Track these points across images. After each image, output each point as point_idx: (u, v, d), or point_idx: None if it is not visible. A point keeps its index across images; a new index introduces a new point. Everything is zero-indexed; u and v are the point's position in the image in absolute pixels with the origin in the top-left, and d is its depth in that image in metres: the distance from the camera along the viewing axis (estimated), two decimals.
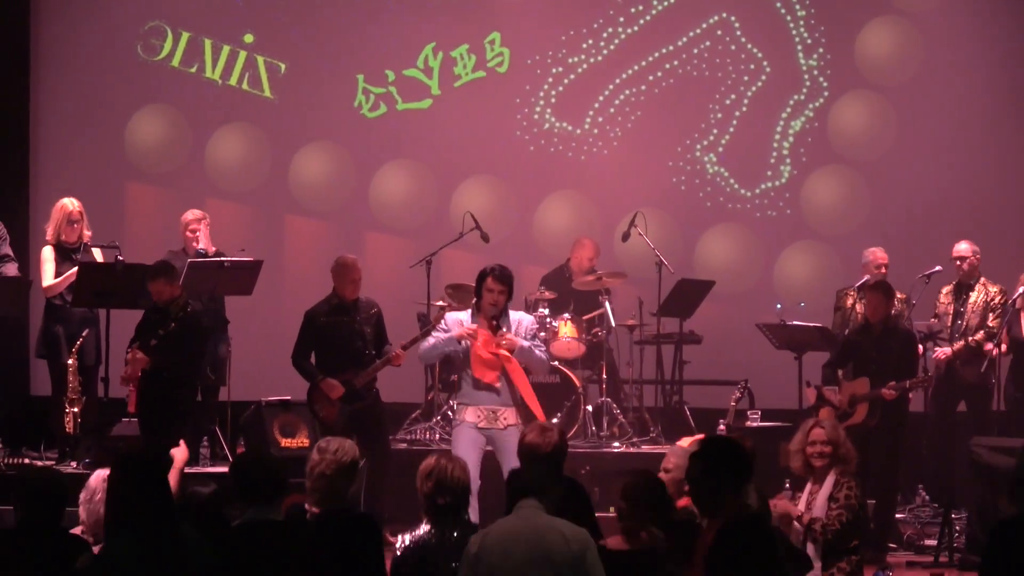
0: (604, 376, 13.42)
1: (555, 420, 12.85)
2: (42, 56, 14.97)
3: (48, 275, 12.35)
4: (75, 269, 12.10)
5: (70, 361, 11.95)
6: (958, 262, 13.12)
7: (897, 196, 14.93)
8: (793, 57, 15.21)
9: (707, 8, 15.20)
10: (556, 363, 13.09)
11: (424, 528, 7.21)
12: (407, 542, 7.21)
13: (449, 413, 12.67)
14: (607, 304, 13.52)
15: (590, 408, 13.26)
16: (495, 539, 6.86)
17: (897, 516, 12.32)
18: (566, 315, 13.38)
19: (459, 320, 10.74)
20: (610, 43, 15.24)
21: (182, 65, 15.13)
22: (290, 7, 15.30)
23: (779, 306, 13.98)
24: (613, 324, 13.53)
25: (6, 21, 14.77)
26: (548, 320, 13.29)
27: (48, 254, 12.41)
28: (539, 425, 8.01)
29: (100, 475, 7.43)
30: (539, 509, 6.89)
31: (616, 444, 13.06)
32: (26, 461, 12.25)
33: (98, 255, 12.52)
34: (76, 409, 11.77)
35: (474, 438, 10.46)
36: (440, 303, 13.28)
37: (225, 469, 9.98)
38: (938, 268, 13.14)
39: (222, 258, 12.56)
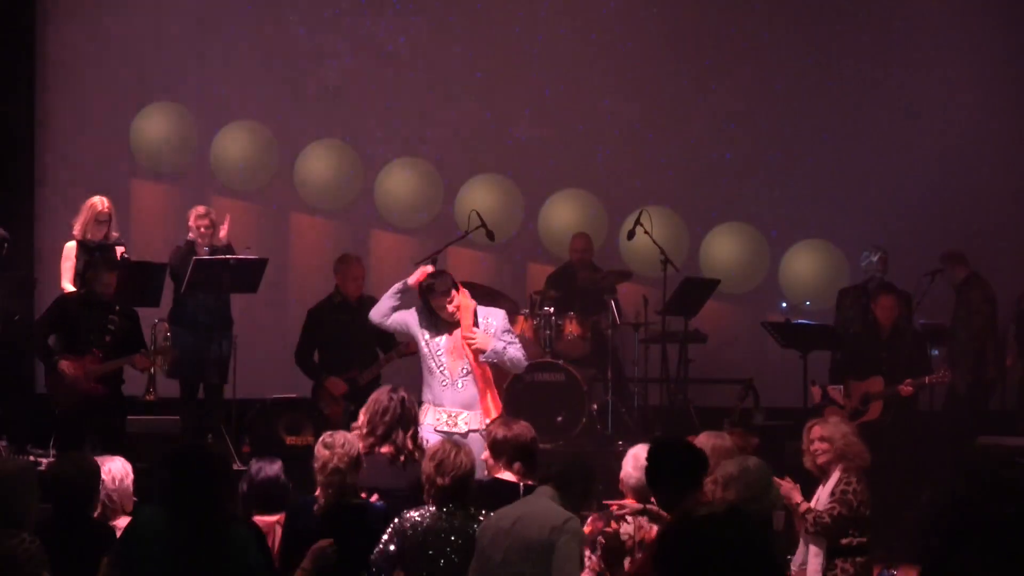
0: (609, 375, 13.42)
1: (560, 419, 12.94)
2: (47, 54, 14.96)
3: (67, 273, 12.28)
4: None
5: None
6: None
7: (900, 195, 14.89)
8: None
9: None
10: (561, 362, 13.10)
11: (428, 509, 7.32)
12: (408, 515, 7.32)
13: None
14: (612, 303, 13.53)
15: (595, 406, 13.25)
16: (489, 522, 7.14)
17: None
18: (571, 313, 13.40)
19: (410, 319, 9.88)
20: (617, 38, 15.21)
21: None
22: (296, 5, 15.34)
23: (784, 305, 13.96)
24: (618, 322, 13.53)
25: (12, 19, 14.77)
26: (553, 318, 13.31)
27: (70, 251, 12.34)
28: (503, 418, 8.05)
29: (121, 461, 7.72)
30: (546, 497, 7.02)
31: (621, 443, 13.03)
32: (31, 459, 12.24)
33: (118, 254, 12.38)
34: None
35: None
36: None
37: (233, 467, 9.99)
38: (941, 267, 13.13)
39: (228, 256, 12.53)
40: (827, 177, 15.16)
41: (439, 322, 9.75)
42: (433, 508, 7.33)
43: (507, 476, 7.77)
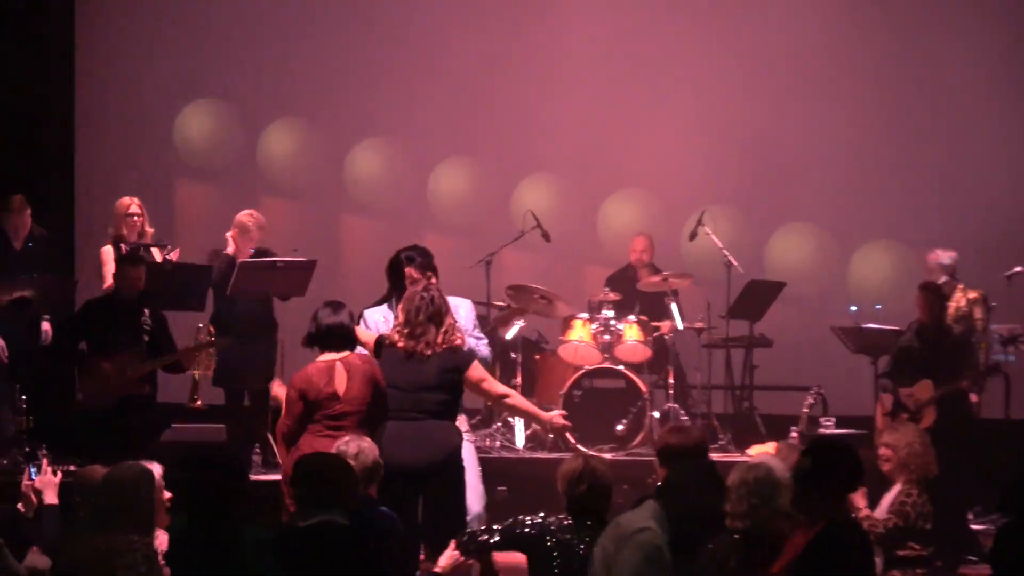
0: (671, 381, 13.27)
1: (620, 427, 12.78)
2: (87, 51, 15.04)
3: (107, 277, 12.16)
4: None
5: None
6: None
7: (974, 191, 14.61)
8: None
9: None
10: (622, 367, 12.97)
11: (565, 520, 7.32)
12: (538, 521, 7.35)
13: (509, 419, 12.72)
14: (673, 306, 13.36)
15: (656, 414, 13.01)
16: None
17: (977, 527, 11.92)
18: (631, 317, 13.21)
19: (380, 319, 9.57)
20: (677, 34, 15.02)
21: None
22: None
23: (854, 308, 13.73)
24: (680, 327, 13.34)
25: (51, 17, 14.81)
26: (613, 323, 13.13)
27: (106, 254, 12.24)
28: (674, 424, 7.86)
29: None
30: (641, 509, 6.95)
31: None
32: (72, 468, 12.01)
33: (156, 255, 12.32)
34: None
35: None
36: (500, 304, 13.28)
37: (277, 477, 9.79)
38: (1018, 268, 12.91)
39: (275, 258, 12.35)
40: (897, 174, 14.87)
41: None
42: (569, 521, 7.30)
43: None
